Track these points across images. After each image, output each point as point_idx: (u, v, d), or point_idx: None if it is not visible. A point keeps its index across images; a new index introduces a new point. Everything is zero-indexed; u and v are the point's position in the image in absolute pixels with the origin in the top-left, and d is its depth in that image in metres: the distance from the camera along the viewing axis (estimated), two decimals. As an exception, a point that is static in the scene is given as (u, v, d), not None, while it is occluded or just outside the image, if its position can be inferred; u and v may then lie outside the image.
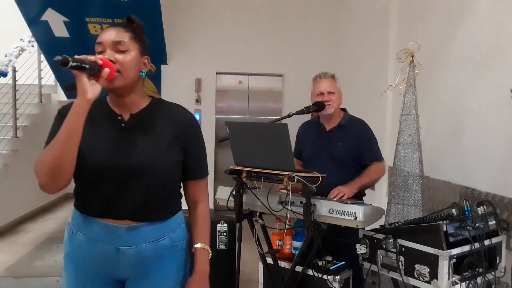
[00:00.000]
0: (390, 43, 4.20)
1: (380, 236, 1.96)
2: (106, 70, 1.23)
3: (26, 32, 5.56)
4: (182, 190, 1.52)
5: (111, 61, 1.29)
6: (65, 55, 1.15)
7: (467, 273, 1.80)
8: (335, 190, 2.24)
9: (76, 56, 1.18)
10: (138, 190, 1.35)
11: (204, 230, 1.49)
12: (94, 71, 1.21)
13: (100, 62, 1.22)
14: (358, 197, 2.36)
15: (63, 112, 1.34)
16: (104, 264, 1.40)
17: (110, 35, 1.33)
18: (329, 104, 2.49)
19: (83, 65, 1.18)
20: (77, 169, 1.31)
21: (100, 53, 1.32)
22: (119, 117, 1.39)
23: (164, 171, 1.38)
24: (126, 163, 1.33)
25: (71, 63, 1.15)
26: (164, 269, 1.43)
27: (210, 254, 1.48)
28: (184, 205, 1.52)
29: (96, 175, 1.34)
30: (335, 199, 2.18)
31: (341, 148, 2.49)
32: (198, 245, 1.46)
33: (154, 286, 1.42)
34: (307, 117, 2.68)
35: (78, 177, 1.36)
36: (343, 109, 2.63)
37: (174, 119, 1.43)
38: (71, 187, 1.41)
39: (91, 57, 1.21)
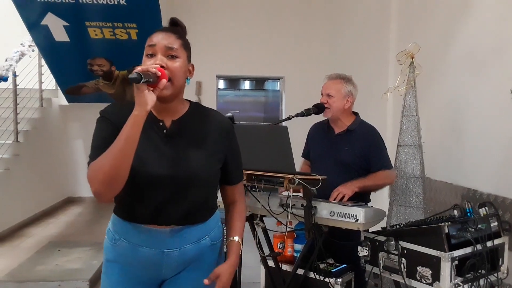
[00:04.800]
0: (390, 45, 4.20)
1: (382, 238, 1.96)
2: (164, 81, 1.24)
3: (26, 37, 5.57)
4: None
5: (163, 66, 1.30)
6: (137, 72, 1.17)
7: (469, 275, 1.79)
8: (335, 192, 2.23)
9: (140, 69, 1.19)
10: (185, 198, 1.38)
11: (241, 225, 1.54)
12: (153, 82, 1.23)
13: (159, 73, 1.24)
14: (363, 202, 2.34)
15: (107, 116, 1.36)
16: (148, 267, 1.43)
17: (163, 39, 1.33)
18: (327, 107, 2.46)
19: (149, 79, 1.20)
20: (129, 176, 1.31)
21: (150, 55, 1.33)
22: (161, 123, 1.40)
23: (209, 180, 1.43)
24: (178, 173, 1.36)
25: (143, 80, 1.18)
26: (203, 266, 1.46)
27: (240, 250, 1.53)
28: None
29: (145, 185, 1.35)
30: (335, 201, 2.17)
31: (347, 153, 2.44)
32: (235, 238, 1.50)
33: (193, 283, 1.45)
34: (309, 119, 2.66)
35: (127, 185, 1.33)
36: (355, 113, 2.56)
37: (215, 126, 1.45)
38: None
39: (152, 69, 1.22)
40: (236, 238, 1.50)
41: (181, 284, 1.47)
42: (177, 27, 1.42)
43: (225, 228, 1.60)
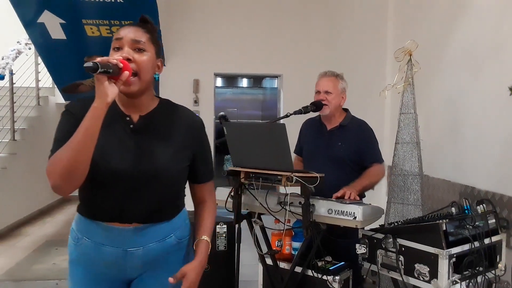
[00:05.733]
0: (387, 42, 4.20)
1: (380, 235, 1.96)
2: (126, 73, 1.22)
3: (22, 35, 5.54)
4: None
5: (129, 59, 1.28)
6: (94, 61, 1.14)
7: (467, 272, 1.79)
8: (346, 189, 2.21)
9: (100, 60, 1.16)
10: (149, 195, 1.36)
11: (210, 224, 1.51)
12: (114, 74, 1.20)
13: (121, 65, 1.21)
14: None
15: (71, 111, 1.34)
16: (113, 267, 1.40)
17: (130, 32, 1.32)
18: (325, 104, 2.47)
19: (109, 69, 1.17)
20: (91, 171, 1.29)
21: (117, 49, 1.31)
22: (128, 118, 1.38)
23: (175, 177, 1.40)
24: (138, 169, 1.33)
25: (100, 69, 1.14)
26: (170, 265, 1.43)
27: (209, 250, 1.49)
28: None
29: (107, 180, 1.33)
30: (346, 199, 2.16)
31: (340, 148, 2.47)
32: (203, 237, 1.47)
33: (160, 282, 1.42)
34: (307, 117, 2.66)
35: (86, 181, 1.31)
36: (346, 110, 2.59)
37: (184, 123, 1.43)
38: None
39: (113, 60, 1.20)
40: (204, 237, 1.47)
41: (147, 285, 1.44)
42: (146, 24, 1.40)
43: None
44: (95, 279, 1.42)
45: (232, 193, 2.27)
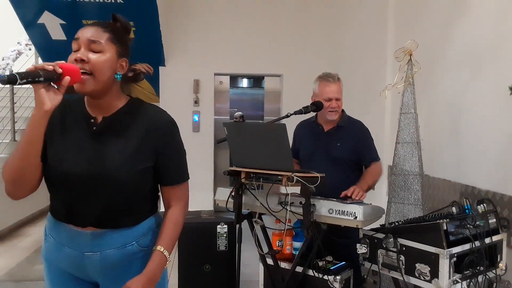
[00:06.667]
0: (388, 42, 4.20)
1: (381, 235, 1.96)
2: (67, 78, 1.16)
3: (23, 35, 5.55)
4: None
5: (83, 60, 1.25)
6: (14, 73, 1.08)
7: (468, 271, 1.79)
8: (356, 188, 2.24)
9: (31, 67, 1.12)
10: (100, 198, 1.32)
11: (167, 234, 1.38)
12: (52, 80, 1.15)
13: (60, 70, 1.16)
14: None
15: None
16: (73, 267, 1.41)
17: (87, 33, 1.29)
18: (335, 110, 2.49)
19: (36, 78, 1.11)
20: (46, 174, 1.32)
21: (75, 51, 1.29)
22: (92, 120, 1.35)
23: (128, 179, 1.32)
24: (88, 171, 1.30)
25: (19, 81, 1.07)
26: (132, 274, 1.33)
27: (167, 263, 1.38)
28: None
29: (60, 183, 1.33)
30: (356, 197, 2.20)
31: (339, 149, 2.49)
32: (156, 247, 1.36)
33: None
34: (307, 117, 2.67)
35: (46, 182, 1.36)
36: (341, 110, 2.62)
37: (147, 122, 1.36)
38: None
39: (49, 66, 1.14)
40: (159, 248, 1.35)
41: None
42: (114, 22, 1.37)
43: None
44: (59, 276, 1.44)
45: (233, 193, 2.27)
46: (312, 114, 2.62)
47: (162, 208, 1.50)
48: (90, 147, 1.33)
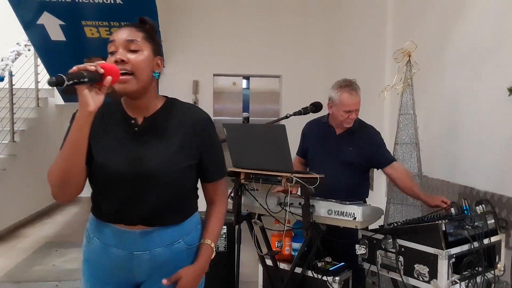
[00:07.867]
0: (387, 43, 4.20)
1: (379, 236, 1.96)
2: (109, 78, 1.17)
3: (22, 36, 5.55)
4: (199, 190, 1.51)
5: (123, 60, 1.27)
6: (60, 74, 1.08)
7: (466, 272, 1.80)
8: (443, 198, 2.32)
9: (74, 69, 1.12)
10: (150, 196, 1.34)
11: (215, 228, 1.47)
12: (95, 81, 1.15)
13: (102, 70, 1.16)
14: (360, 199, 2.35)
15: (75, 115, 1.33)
16: (119, 269, 1.40)
17: (122, 34, 1.31)
18: (352, 119, 2.47)
19: (81, 79, 1.12)
20: (92, 175, 1.33)
21: (112, 53, 1.30)
22: (133, 121, 1.38)
23: (176, 176, 1.36)
24: (137, 170, 1.32)
25: (66, 82, 1.08)
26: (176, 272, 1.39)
27: (213, 255, 1.45)
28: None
29: (108, 182, 1.34)
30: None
31: (352, 153, 2.48)
32: (205, 241, 1.44)
33: None
34: (307, 117, 2.66)
35: (92, 183, 1.36)
36: None
37: (188, 121, 1.40)
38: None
39: (91, 67, 1.15)
40: (208, 241, 1.44)
41: None
42: (142, 24, 1.39)
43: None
44: (104, 279, 1.43)
45: (232, 194, 2.28)
46: (311, 114, 2.61)
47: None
48: (135, 147, 1.35)
